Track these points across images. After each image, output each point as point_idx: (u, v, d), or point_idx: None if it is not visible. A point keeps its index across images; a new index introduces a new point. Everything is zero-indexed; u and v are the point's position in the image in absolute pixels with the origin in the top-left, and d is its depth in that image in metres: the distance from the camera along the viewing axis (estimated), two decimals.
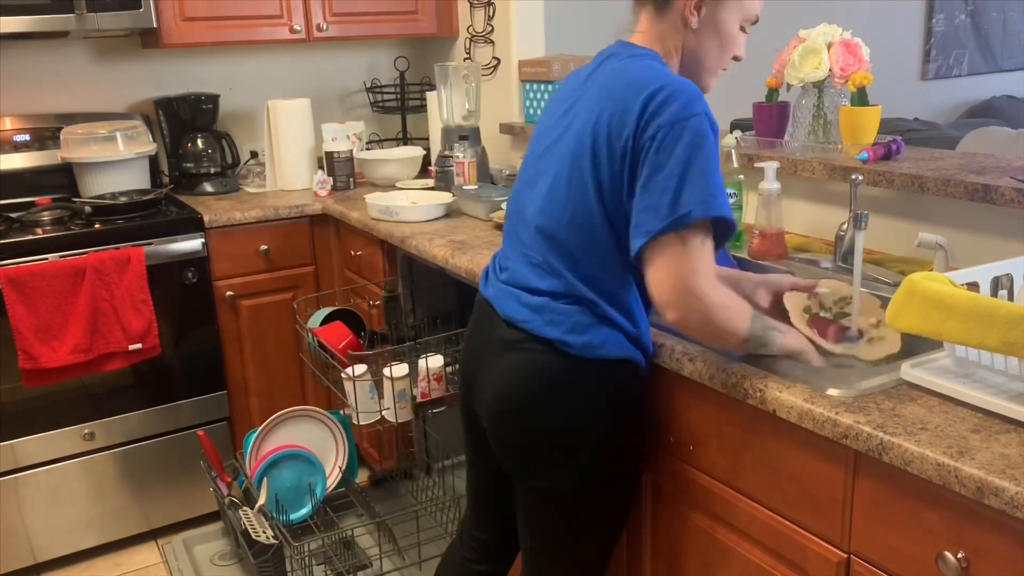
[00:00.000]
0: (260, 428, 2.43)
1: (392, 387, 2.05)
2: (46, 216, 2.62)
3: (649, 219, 1.28)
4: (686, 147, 1.27)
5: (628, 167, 1.32)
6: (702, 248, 1.28)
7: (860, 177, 1.78)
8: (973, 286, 1.25)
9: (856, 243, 1.48)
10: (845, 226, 1.82)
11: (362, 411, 2.10)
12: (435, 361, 2.11)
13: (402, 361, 2.12)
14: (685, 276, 1.27)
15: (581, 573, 1.57)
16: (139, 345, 2.49)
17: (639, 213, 1.30)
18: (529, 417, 1.45)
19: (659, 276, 1.29)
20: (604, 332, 1.40)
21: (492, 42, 3.05)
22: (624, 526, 1.60)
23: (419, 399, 2.10)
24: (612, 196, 1.35)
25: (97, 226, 2.53)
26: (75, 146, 2.78)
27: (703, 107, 1.31)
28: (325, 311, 2.37)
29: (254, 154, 3.18)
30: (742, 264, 1.90)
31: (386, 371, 2.07)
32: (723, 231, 1.31)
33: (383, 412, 2.12)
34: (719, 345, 1.34)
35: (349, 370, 2.10)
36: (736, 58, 1.49)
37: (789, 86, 2.08)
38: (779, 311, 1.56)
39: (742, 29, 1.47)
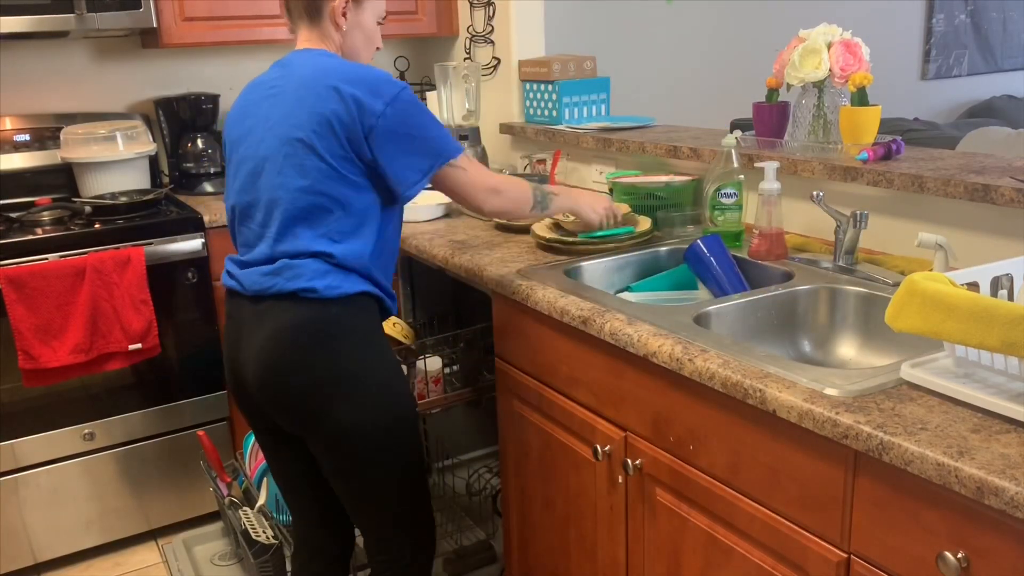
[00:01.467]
0: None
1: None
2: (46, 216, 2.62)
3: (424, 163, 1.65)
4: (419, 111, 1.65)
5: (363, 135, 1.60)
6: (474, 161, 1.75)
7: (821, 193, 1.79)
8: (973, 286, 1.25)
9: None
10: (843, 226, 1.82)
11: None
12: (433, 363, 2.11)
13: (401, 363, 2.12)
14: (484, 179, 1.74)
15: (410, 504, 1.79)
16: (139, 345, 2.49)
17: (415, 158, 1.64)
18: (297, 366, 1.61)
19: (465, 189, 1.72)
20: (341, 274, 1.64)
21: (492, 42, 3.05)
22: (420, 456, 1.79)
23: (416, 401, 2.10)
24: (346, 161, 1.61)
25: (97, 226, 2.53)
26: (75, 146, 2.78)
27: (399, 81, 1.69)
28: None
29: None
30: (741, 264, 1.90)
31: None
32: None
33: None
34: (525, 213, 1.83)
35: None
36: (377, 48, 1.86)
37: (789, 86, 2.08)
38: None
39: (379, 23, 1.84)
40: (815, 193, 1.78)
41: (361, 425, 1.66)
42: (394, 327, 2.20)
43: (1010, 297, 1.28)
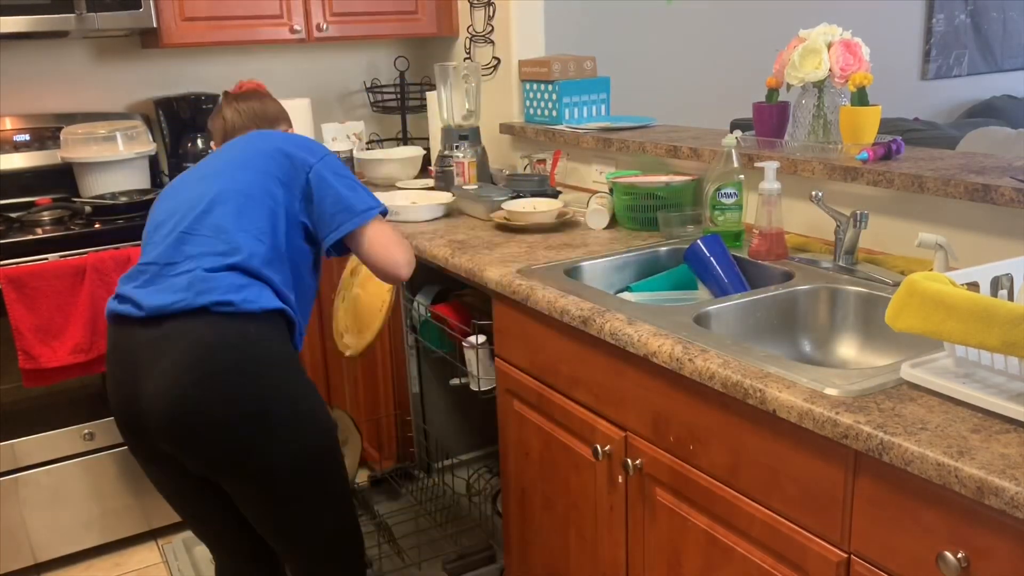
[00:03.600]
0: None
1: (476, 356, 2.12)
2: (46, 216, 2.62)
3: (347, 215, 1.69)
4: (344, 168, 1.76)
5: (300, 182, 1.68)
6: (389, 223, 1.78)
7: (820, 193, 1.79)
8: (973, 286, 1.25)
9: None
10: (842, 226, 1.82)
11: (483, 377, 2.13)
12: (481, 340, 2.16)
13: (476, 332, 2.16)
14: (402, 242, 1.76)
15: (341, 532, 1.67)
16: None
17: (335, 215, 1.68)
18: (218, 391, 1.45)
19: (382, 250, 1.72)
20: (258, 287, 1.54)
21: (492, 42, 3.05)
22: (345, 481, 1.69)
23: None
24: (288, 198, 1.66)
25: (97, 226, 2.53)
26: (75, 146, 2.78)
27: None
28: (432, 289, 2.44)
29: None
30: (741, 264, 1.90)
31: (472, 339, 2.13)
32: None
33: (482, 379, 2.15)
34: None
35: (472, 339, 2.12)
36: None
37: (789, 86, 2.08)
38: None
39: None
40: (814, 193, 1.78)
41: (295, 458, 1.53)
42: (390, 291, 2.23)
43: (1010, 297, 1.28)
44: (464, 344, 2.17)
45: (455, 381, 2.36)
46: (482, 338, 2.12)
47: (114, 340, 1.57)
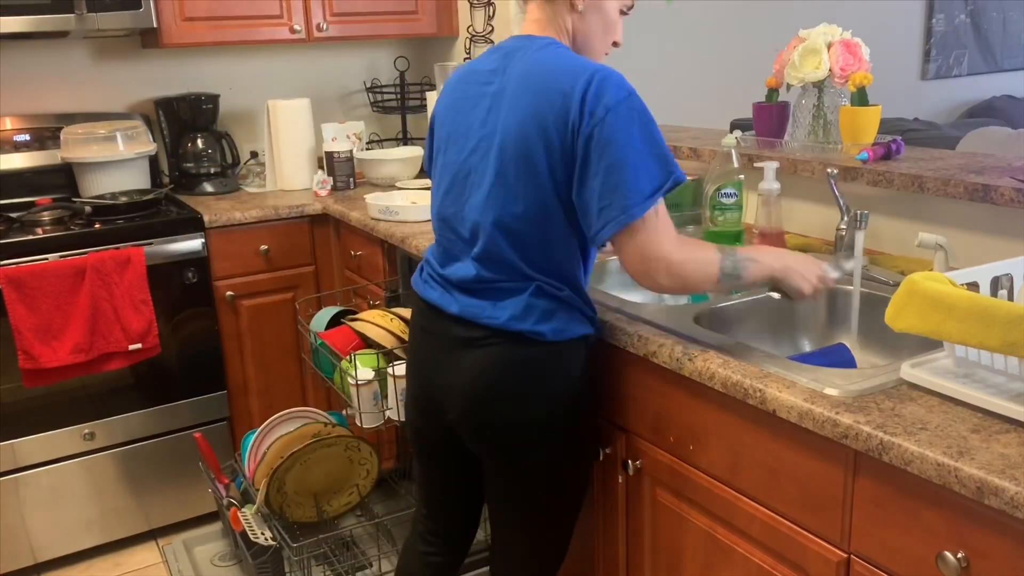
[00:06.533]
0: (259, 429, 2.43)
1: (395, 386, 2.05)
2: (46, 216, 2.62)
3: (619, 203, 1.35)
4: (637, 127, 1.38)
5: (579, 155, 1.38)
6: (658, 215, 1.38)
7: (835, 171, 1.78)
8: (973, 286, 1.25)
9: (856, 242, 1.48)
10: (843, 225, 1.82)
11: (365, 413, 2.09)
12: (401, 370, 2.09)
13: (404, 359, 2.10)
14: (653, 247, 1.38)
15: (551, 545, 1.66)
16: (139, 345, 2.49)
17: (603, 196, 1.36)
18: (511, 402, 1.49)
19: (629, 252, 1.39)
20: (566, 315, 1.48)
21: (492, 42, 3.05)
22: (584, 499, 1.68)
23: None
24: (566, 186, 1.41)
25: (97, 226, 2.53)
26: (75, 146, 2.78)
27: (628, 84, 1.41)
28: (329, 311, 2.37)
29: (254, 154, 3.18)
30: None
31: (389, 370, 2.06)
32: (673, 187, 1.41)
33: (387, 412, 2.11)
34: (707, 290, 1.46)
35: (364, 374, 2.07)
36: (616, 43, 1.57)
37: (789, 86, 2.08)
38: None
39: (622, 13, 1.56)
40: (829, 170, 1.78)
41: (552, 464, 1.56)
42: (391, 322, 2.17)
43: (1010, 297, 1.28)
44: (348, 380, 2.09)
45: (346, 411, 2.28)
46: (369, 373, 2.05)
47: (421, 322, 1.60)
